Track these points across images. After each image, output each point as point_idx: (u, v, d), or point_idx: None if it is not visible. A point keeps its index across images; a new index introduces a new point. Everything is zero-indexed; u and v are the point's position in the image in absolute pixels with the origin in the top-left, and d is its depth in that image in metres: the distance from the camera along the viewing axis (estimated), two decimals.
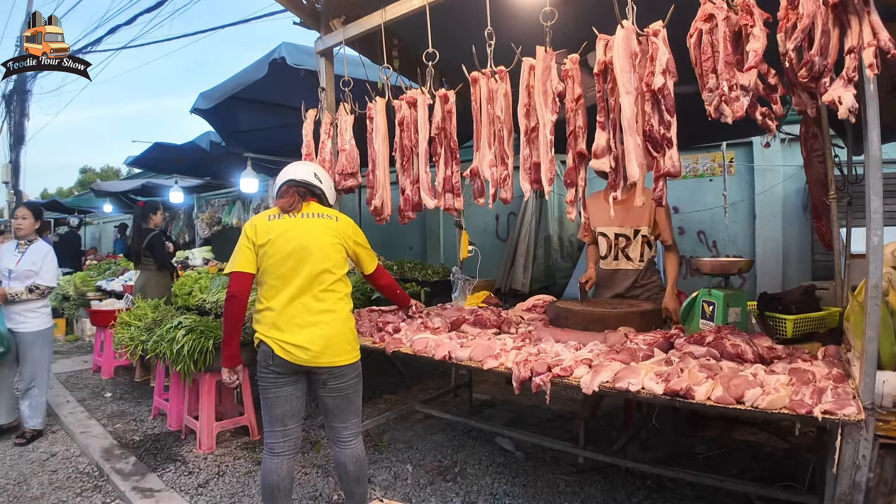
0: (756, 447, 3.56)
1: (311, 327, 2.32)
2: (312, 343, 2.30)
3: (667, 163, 1.84)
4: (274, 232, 2.36)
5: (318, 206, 2.51)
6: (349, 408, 2.46)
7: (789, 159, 5.42)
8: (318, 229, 2.42)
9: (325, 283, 2.36)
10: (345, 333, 2.40)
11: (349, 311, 2.45)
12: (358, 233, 2.59)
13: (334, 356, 2.34)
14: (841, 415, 1.57)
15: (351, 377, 2.42)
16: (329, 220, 2.47)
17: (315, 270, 2.35)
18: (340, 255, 2.46)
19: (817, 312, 2.62)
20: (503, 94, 2.26)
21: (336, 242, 2.45)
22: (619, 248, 3.37)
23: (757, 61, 1.58)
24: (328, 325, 2.34)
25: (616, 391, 1.86)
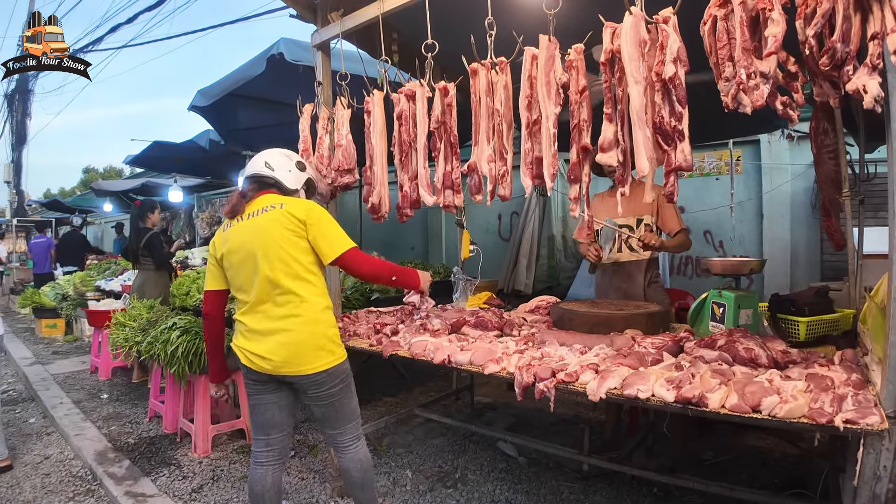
0: (765, 453, 3.46)
1: (272, 335, 2.12)
2: (273, 353, 2.10)
3: (678, 156, 1.74)
4: (227, 244, 2.20)
5: (267, 199, 2.22)
6: (338, 415, 2.26)
7: (797, 157, 5.32)
8: (261, 227, 2.14)
9: (284, 285, 2.12)
10: (313, 338, 2.14)
11: (320, 311, 2.17)
12: (312, 212, 2.18)
13: (301, 365, 2.12)
14: (864, 424, 1.47)
15: (332, 384, 2.19)
16: (272, 212, 2.15)
17: (268, 274, 2.11)
18: (296, 247, 2.15)
19: (831, 314, 2.52)
20: (503, 86, 2.17)
21: (285, 233, 2.13)
22: (624, 239, 3.31)
23: (777, 46, 1.49)
24: (291, 332, 2.11)
25: (624, 398, 1.77)
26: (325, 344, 2.17)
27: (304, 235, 2.16)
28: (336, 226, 2.24)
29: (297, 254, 2.15)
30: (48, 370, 5.99)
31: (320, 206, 2.28)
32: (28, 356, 6.70)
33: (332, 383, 2.18)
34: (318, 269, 2.23)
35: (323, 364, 2.15)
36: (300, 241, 2.15)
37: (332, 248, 2.18)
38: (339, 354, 2.23)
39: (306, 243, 2.17)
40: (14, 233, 11.68)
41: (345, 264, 2.21)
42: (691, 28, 1.78)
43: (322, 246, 2.18)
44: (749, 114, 1.67)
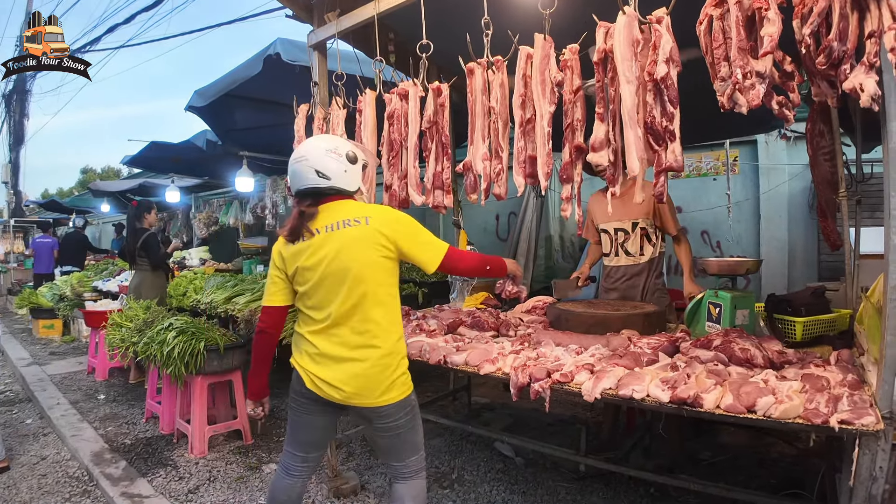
0: (762, 453, 3.46)
1: (346, 363, 1.97)
2: (346, 383, 1.96)
3: (669, 157, 1.74)
4: (301, 257, 1.99)
5: (340, 208, 2.03)
6: (403, 446, 2.08)
7: (795, 158, 5.32)
8: (347, 244, 1.96)
9: (367, 312, 1.97)
10: (388, 370, 1.99)
11: (395, 341, 2.03)
12: (402, 223, 2.03)
13: (373, 398, 1.98)
14: (859, 424, 1.47)
15: (400, 416, 2.03)
16: (358, 228, 1.97)
17: (353, 299, 1.95)
18: (383, 269, 1.99)
19: (827, 315, 2.52)
20: (499, 84, 2.16)
21: (374, 255, 1.97)
22: (619, 243, 3.29)
23: (773, 46, 1.49)
24: (366, 362, 1.96)
25: (619, 399, 1.77)
26: (398, 377, 2.02)
27: (394, 255, 2.02)
28: (424, 230, 2.10)
29: (385, 277, 2.01)
30: (45, 371, 5.96)
31: (403, 213, 2.10)
32: (25, 357, 6.68)
33: (399, 414, 2.04)
34: (397, 292, 2.10)
35: (394, 396, 2.01)
36: (388, 263, 2.01)
37: (433, 255, 2.06)
38: (409, 386, 2.09)
39: (393, 264, 2.04)
40: (11, 233, 11.67)
41: (446, 265, 2.09)
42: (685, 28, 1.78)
43: (422, 257, 2.04)
44: (745, 114, 1.66)
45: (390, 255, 1.99)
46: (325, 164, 2.02)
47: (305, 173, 2.02)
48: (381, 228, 1.98)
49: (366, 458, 3.55)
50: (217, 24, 9.21)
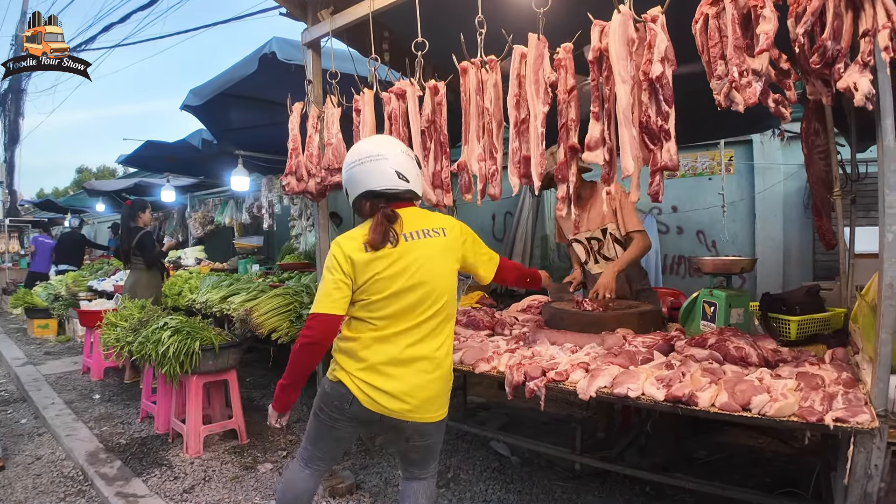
0: (757, 452, 3.46)
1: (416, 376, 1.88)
2: (412, 396, 1.87)
3: (664, 156, 1.74)
4: (379, 266, 1.87)
5: (416, 218, 1.95)
6: (432, 456, 2.08)
7: (790, 157, 5.33)
8: (433, 253, 1.90)
9: (442, 324, 1.93)
10: (447, 384, 1.98)
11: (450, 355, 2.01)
12: (470, 235, 2.06)
13: (432, 412, 1.93)
14: (854, 423, 1.47)
15: (442, 430, 2.04)
16: (439, 239, 1.93)
17: (431, 311, 1.89)
18: (455, 280, 2.00)
19: (822, 313, 2.53)
20: (493, 84, 2.16)
21: (453, 265, 1.97)
22: (595, 251, 3.29)
23: (769, 44, 1.49)
24: (433, 374, 1.90)
25: (615, 397, 1.77)
26: (449, 391, 2.00)
27: (462, 262, 2.04)
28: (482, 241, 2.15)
29: (454, 289, 1.99)
30: (40, 370, 5.94)
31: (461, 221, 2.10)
32: (20, 356, 6.65)
33: (441, 428, 2.03)
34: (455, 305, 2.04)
35: (445, 413, 1.99)
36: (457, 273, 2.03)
37: (492, 267, 2.13)
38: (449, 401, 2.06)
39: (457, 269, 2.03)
40: (6, 233, 11.62)
41: (498, 276, 2.15)
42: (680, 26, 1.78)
43: (483, 269, 2.10)
44: (742, 112, 1.66)
45: (460, 264, 2.02)
46: (405, 165, 1.93)
47: (385, 173, 1.89)
48: (458, 240, 1.99)
49: (361, 457, 3.54)
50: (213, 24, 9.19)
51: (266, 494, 3.08)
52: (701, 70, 1.73)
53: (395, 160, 1.91)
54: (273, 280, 5.03)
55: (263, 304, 3.89)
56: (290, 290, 4.06)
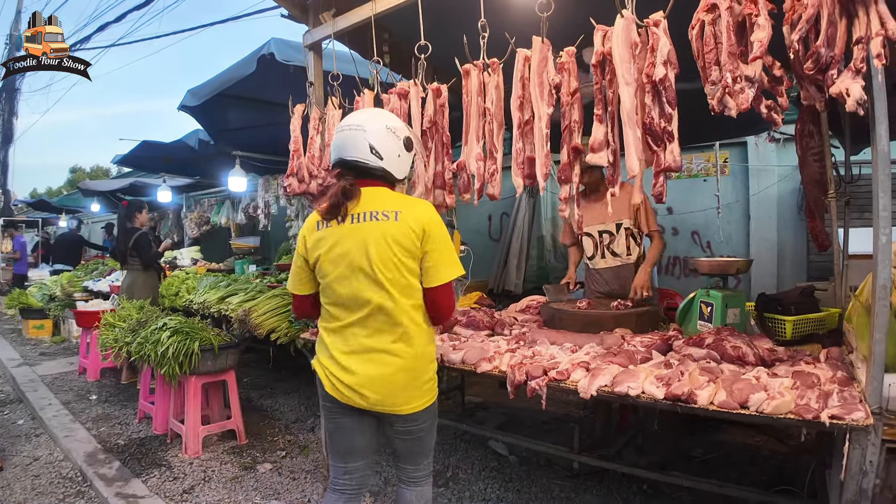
0: (753, 450, 3.51)
1: (369, 365, 1.82)
2: (371, 389, 1.81)
3: (667, 157, 1.77)
4: (323, 246, 1.83)
5: (374, 196, 1.82)
6: (421, 450, 1.98)
7: (784, 159, 5.39)
8: (371, 238, 1.77)
9: (388, 313, 1.80)
10: (413, 376, 1.85)
11: (424, 345, 1.87)
12: (432, 224, 1.80)
13: (399, 405, 1.84)
14: (849, 420, 1.51)
15: (424, 420, 1.92)
16: (384, 223, 1.77)
17: (370, 298, 1.79)
18: (403, 270, 1.78)
19: (817, 313, 2.57)
20: (495, 86, 2.19)
21: (397, 252, 1.76)
22: (605, 245, 3.32)
23: (762, 51, 1.52)
24: (389, 366, 1.81)
25: (615, 396, 1.80)
26: (424, 381, 1.88)
27: (418, 253, 1.80)
28: (449, 240, 1.86)
29: (403, 280, 1.80)
30: (36, 371, 5.91)
31: (437, 213, 1.87)
32: (15, 357, 6.61)
33: (423, 419, 1.92)
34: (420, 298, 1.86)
35: (421, 404, 1.88)
36: (407, 264, 1.79)
37: (439, 274, 1.81)
38: (434, 392, 1.95)
39: (415, 265, 1.81)
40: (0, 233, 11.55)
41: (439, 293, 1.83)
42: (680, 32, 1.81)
43: (432, 268, 1.80)
44: (734, 117, 1.70)
45: (415, 254, 1.79)
46: (383, 141, 1.82)
47: (357, 144, 1.80)
48: (411, 224, 1.77)
49: None
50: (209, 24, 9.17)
51: (266, 495, 3.10)
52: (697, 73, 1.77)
53: (374, 134, 1.81)
54: (271, 280, 5.03)
55: (262, 305, 3.90)
56: (287, 290, 4.07)
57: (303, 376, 5.40)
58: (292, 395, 4.95)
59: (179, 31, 18.20)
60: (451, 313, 1.89)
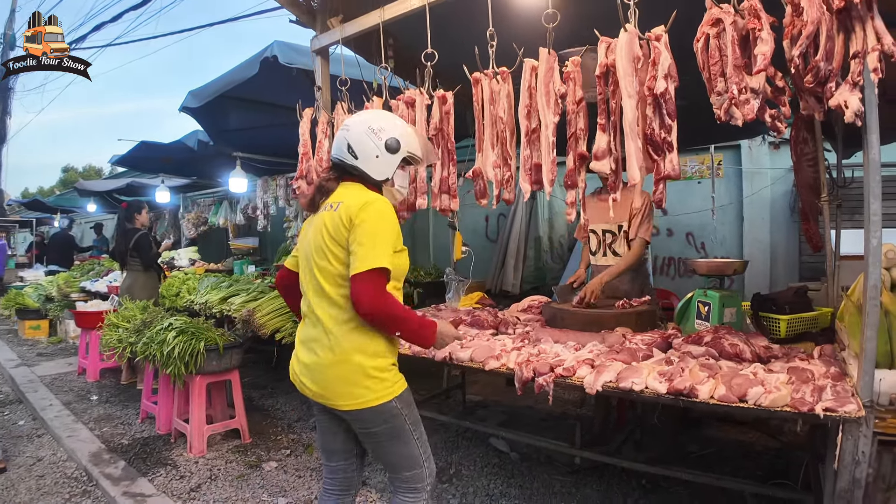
0: (747, 446, 3.60)
1: (308, 354, 1.84)
2: (308, 377, 1.83)
3: (667, 166, 1.86)
4: (300, 236, 2.00)
5: (341, 193, 1.86)
6: (389, 457, 1.90)
7: (777, 162, 5.51)
8: (316, 227, 1.84)
9: (325, 301, 1.81)
10: (347, 369, 1.77)
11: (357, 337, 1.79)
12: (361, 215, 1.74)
13: (335, 398, 1.79)
14: (842, 412, 1.59)
15: (372, 421, 1.82)
16: (327, 213, 1.82)
17: (311, 284, 1.85)
18: (331, 258, 1.78)
19: (810, 313, 2.66)
20: (506, 94, 2.26)
21: (330, 241, 1.77)
22: (607, 244, 3.42)
23: (766, 64, 1.61)
24: (319, 356, 1.80)
25: (620, 391, 1.87)
26: (360, 378, 1.77)
27: (344, 243, 1.77)
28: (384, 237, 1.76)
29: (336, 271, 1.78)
30: (35, 372, 5.90)
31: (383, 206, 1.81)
32: (13, 358, 6.59)
33: (375, 421, 1.82)
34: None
35: (361, 402, 1.77)
36: (338, 251, 1.77)
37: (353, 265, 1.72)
38: (384, 392, 1.81)
39: (344, 252, 1.77)
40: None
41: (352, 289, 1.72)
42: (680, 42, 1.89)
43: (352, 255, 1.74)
44: (740, 126, 1.78)
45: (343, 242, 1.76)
46: (360, 142, 1.86)
47: (340, 144, 1.89)
48: (342, 213, 1.76)
49: None
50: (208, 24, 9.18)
51: (273, 492, 3.14)
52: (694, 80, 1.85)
53: (354, 134, 1.88)
54: (271, 281, 5.07)
55: (266, 305, 3.95)
56: None
57: None
58: (293, 395, 4.99)
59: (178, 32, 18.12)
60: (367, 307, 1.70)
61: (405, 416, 1.87)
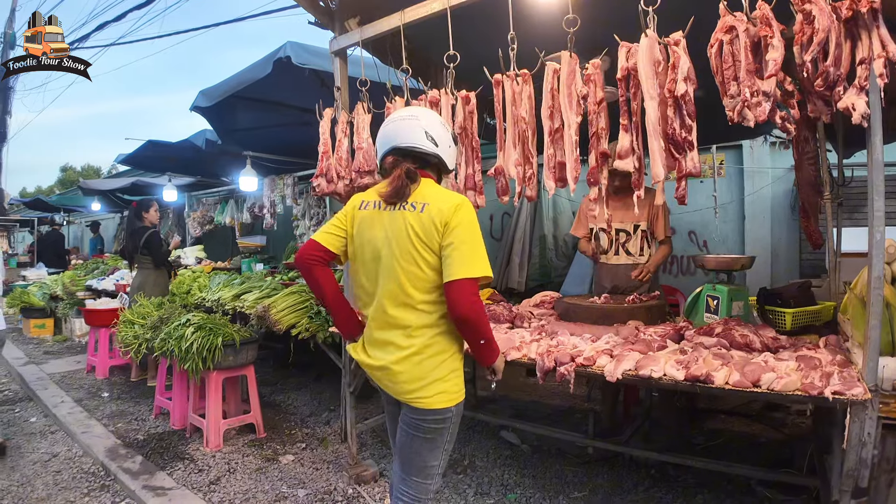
0: (751, 438, 3.71)
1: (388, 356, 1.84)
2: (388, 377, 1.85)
3: (688, 164, 1.96)
4: (358, 226, 1.88)
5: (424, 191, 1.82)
6: (405, 451, 1.89)
7: (778, 162, 5.62)
8: (398, 228, 1.78)
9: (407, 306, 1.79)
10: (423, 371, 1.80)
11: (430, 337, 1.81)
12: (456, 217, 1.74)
13: (405, 394, 1.83)
14: (850, 395, 1.69)
15: (427, 422, 1.82)
16: (410, 213, 1.76)
17: (389, 287, 1.80)
18: (421, 265, 1.75)
19: (814, 306, 2.76)
20: (527, 96, 2.36)
21: (421, 246, 1.74)
22: (620, 243, 3.52)
23: (777, 69, 1.71)
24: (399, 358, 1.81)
25: (639, 378, 1.97)
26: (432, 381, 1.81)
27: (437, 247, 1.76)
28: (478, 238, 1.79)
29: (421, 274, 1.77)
30: (43, 370, 5.95)
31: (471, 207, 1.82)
32: (20, 356, 6.64)
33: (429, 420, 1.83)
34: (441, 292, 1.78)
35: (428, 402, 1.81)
36: (426, 259, 1.76)
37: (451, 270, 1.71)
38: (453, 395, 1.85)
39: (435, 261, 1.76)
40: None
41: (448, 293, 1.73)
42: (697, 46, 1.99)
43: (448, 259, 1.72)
44: (752, 127, 1.88)
45: (433, 248, 1.75)
46: (437, 131, 1.87)
47: (413, 131, 1.83)
48: (433, 216, 1.74)
49: (378, 447, 3.71)
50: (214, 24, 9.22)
51: (292, 484, 3.22)
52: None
53: (428, 123, 1.86)
54: (282, 278, 5.15)
55: (280, 301, 4.03)
56: (304, 287, 4.20)
57: (312, 373, 5.52)
58: (303, 391, 5.07)
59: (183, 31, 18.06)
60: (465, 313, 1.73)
61: (450, 428, 1.88)
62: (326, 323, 3.81)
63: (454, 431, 1.91)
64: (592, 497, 2.96)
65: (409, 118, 1.88)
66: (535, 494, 3.00)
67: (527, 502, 2.94)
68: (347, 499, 3.04)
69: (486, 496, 3.01)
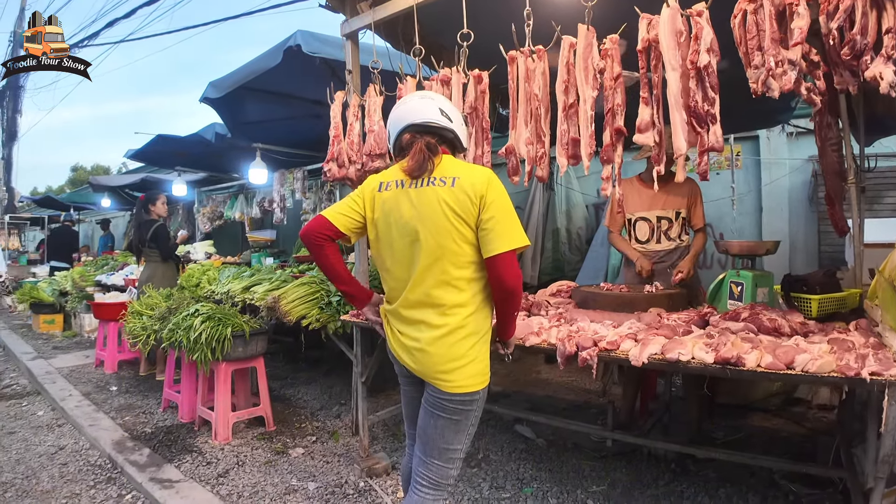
0: (772, 433, 3.61)
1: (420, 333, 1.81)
2: (412, 357, 1.82)
3: (711, 138, 1.88)
4: (381, 209, 1.84)
5: (449, 166, 1.80)
6: (427, 433, 1.85)
7: (795, 152, 5.51)
8: (429, 204, 1.75)
9: (444, 283, 1.76)
10: (453, 353, 1.77)
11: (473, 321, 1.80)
12: (492, 191, 1.74)
13: (433, 376, 1.79)
14: (888, 375, 1.61)
15: (456, 403, 1.79)
16: (441, 188, 1.74)
17: (425, 264, 1.76)
18: (458, 240, 1.74)
19: (840, 293, 2.67)
20: (541, 72, 2.29)
21: (457, 221, 1.73)
22: (663, 230, 3.48)
23: (802, 37, 1.66)
24: (432, 336, 1.78)
25: (666, 362, 1.89)
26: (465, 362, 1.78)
27: (473, 222, 1.74)
28: (512, 209, 1.78)
29: (459, 249, 1.75)
30: (52, 364, 5.94)
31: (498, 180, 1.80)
32: (29, 351, 6.64)
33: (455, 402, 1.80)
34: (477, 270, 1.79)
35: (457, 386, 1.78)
36: (463, 233, 1.74)
37: (493, 244, 1.71)
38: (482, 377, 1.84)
39: (471, 235, 1.75)
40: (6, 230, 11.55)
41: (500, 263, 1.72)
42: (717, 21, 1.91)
43: (491, 233, 1.71)
44: (776, 97, 1.80)
45: (472, 220, 1.73)
46: (449, 107, 1.90)
47: (428, 108, 1.85)
48: (465, 189, 1.72)
49: (390, 440, 3.64)
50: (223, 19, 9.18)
51: (302, 477, 3.16)
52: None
53: (441, 101, 1.90)
54: (293, 271, 5.10)
55: (291, 293, 3.97)
56: (314, 278, 4.15)
57: (322, 368, 5.48)
58: (313, 385, 5.02)
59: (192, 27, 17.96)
60: (513, 285, 1.74)
61: (476, 411, 1.86)
62: (337, 313, 3.75)
63: (479, 415, 1.89)
64: (611, 491, 2.88)
65: (422, 98, 1.92)
66: (553, 488, 2.92)
67: (544, 496, 2.86)
68: (359, 492, 2.97)
69: (502, 490, 2.94)
